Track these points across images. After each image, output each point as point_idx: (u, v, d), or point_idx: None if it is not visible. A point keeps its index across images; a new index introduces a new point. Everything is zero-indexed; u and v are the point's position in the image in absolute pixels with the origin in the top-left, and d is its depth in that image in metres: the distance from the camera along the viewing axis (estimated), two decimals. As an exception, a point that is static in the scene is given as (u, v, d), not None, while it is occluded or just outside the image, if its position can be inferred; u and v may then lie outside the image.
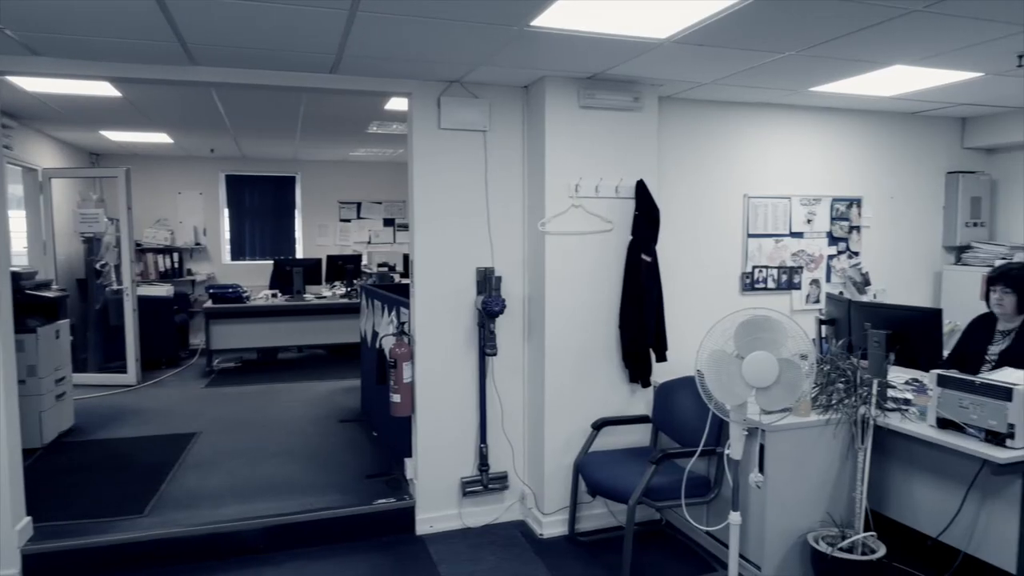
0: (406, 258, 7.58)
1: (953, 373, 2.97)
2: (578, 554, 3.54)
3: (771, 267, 4.48)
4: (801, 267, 4.57)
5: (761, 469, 3.06)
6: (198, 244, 8.96)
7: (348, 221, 9.63)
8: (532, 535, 3.75)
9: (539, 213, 3.67)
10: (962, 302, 4.56)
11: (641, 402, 3.85)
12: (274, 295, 7.63)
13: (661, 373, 3.78)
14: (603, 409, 3.76)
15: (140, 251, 8.31)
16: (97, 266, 6.88)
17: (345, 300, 7.57)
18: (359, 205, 9.65)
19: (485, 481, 3.84)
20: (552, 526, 3.74)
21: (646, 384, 3.82)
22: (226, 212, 9.21)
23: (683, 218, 4.19)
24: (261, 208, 9.38)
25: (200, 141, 7.49)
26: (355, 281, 7.94)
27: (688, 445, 3.19)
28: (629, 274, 3.72)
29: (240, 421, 5.54)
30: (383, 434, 4.94)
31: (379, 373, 4.17)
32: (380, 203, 9.70)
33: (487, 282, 3.74)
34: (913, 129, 4.84)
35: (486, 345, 3.72)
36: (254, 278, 8.58)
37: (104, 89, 4.50)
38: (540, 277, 3.69)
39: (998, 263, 4.03)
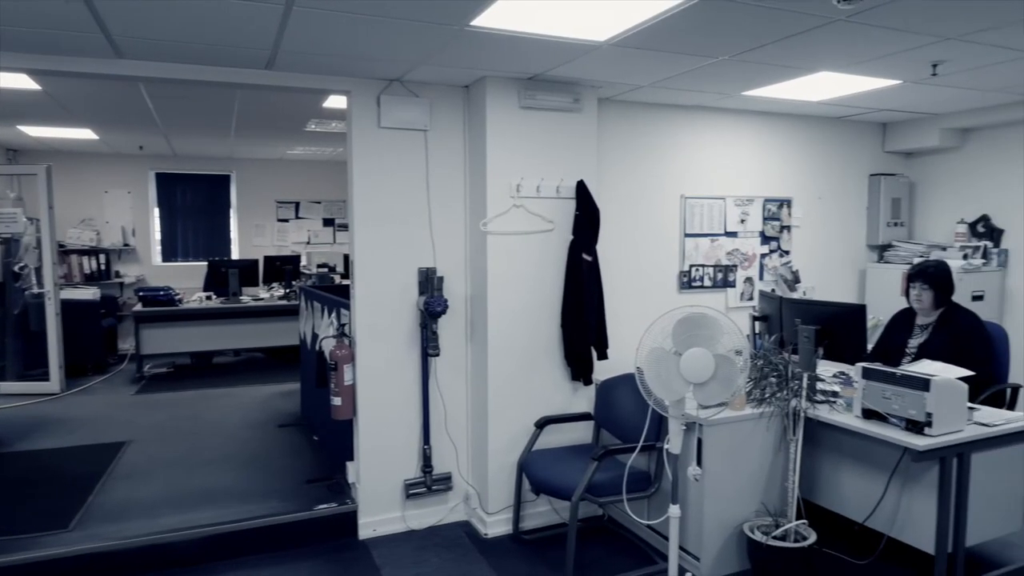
0: (346, 258, 7.48)
1: (876, 366, 3.11)
2: (522, 552, 3.56)
3: (707, 266, 4.61)
4: (736, 266, 4.72)
5: (699, 462, 3.14)
6: (127, 245, 8.59)
7: (286, 221, 9.41)
8: (477, 535, 3.75)
9: (481, 213, 3.67)
10: (884, 298, 4.80)
11: (583, 400, 3.90)
12: (208, 297, 7.38)
13: (602, 371, 3.84)
14: (546, 407, 3.79)
15: (63, 252, 7.90)
16: (16, 268, 6.51)
17: (284, 302, 7.40)
18: (297, 205, 9.44)
19: (429, 482, 3.81)
20: (496, 525, 3.75)
21: (588, 382, 3.87)
22: (156, 212, 8.86)
23: (623, 218, 4.27)
24: (194, 208, 9.06)
25: (128, 138, 7.18)
26: (294, 282, 7.77)
27: (629, 441, 3.25)
28: (570, 274, 3.76)
29: (173, 428, 5.34)
30: (324, 438, 4.85)
31: (319, 376, 4.09)
32: (319, 203, 9.52)
33: (429, 282, 3.72)
34: (838, 133, 5.06)
35: (428, 346, 3.70)
36: (187, 280, 8.29)
37: (21, 81, 4.26)
38: (482, 277, 3.70)
39: (916, 261, 4.25)
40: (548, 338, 3.80)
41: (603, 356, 3.84)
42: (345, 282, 6.86)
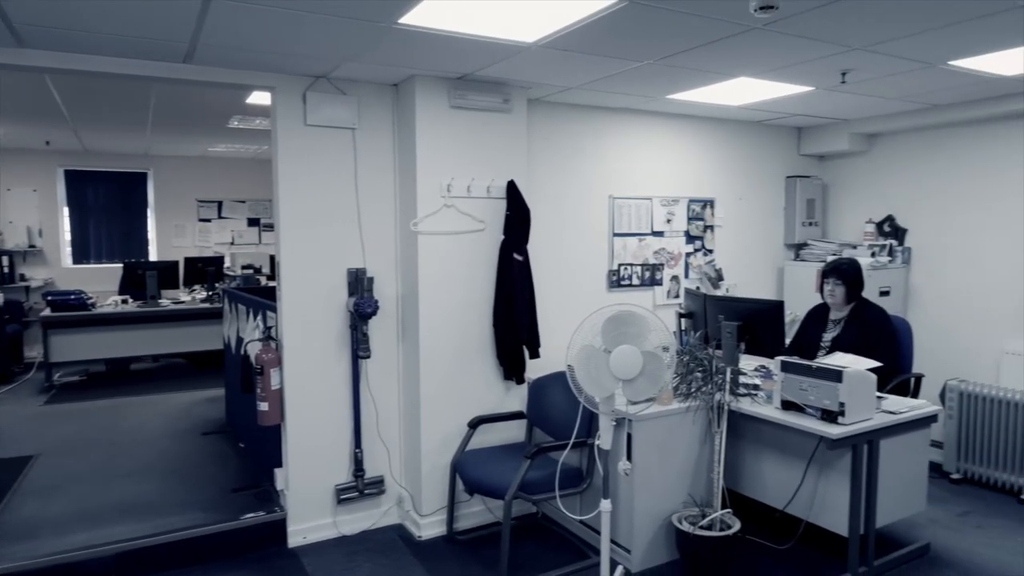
0: (272, 259, 7.26)
1: (794, 359, 3.26)
2: (457, 553, 3.55)
3: (635, 265, 4.71)
4: (662, 264, 4.84)
5: (629, 457, 3.21)
6: (33, 246, 8.08)
7: (208, 221, 9.07)
8: (410, 538, 3.72)
9: (411, 213, 3.64)
10: (801, 294, 5.02)
11: (516, 399, 3.92)
12: (124, 301, 7.03)
13: (534, 369, 3.87)
14: (479, 407, 3.79)
15: (-40, 255, 7.38)
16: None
17: (206, 305, 7.12)
18: (220, 204, 9.12)
19: (361, 487, 3.75)
20: (430, 527, 3.72)
21: (520, 381, 3.89)
22: (66, 211, 8.38)
23: (553, 218, 4.32)
24: (108, 207, 8.61)
25: (32, 132, 6.76)
26: (217, 284, 7.49)
27: (561, 438, 3.28)
28: (502, 273, 3.78)
29: (87, 440, 5.06)
30: (251, 445, 4.70)
31: (244, 381, 3.97)
32: (243, 202, 9.22)
33: (359, 283, 3.66)
34: (757, 137, 5.27)
35: (359, 347, 3.64)
36: (101, 283, 7.87)
37: (-90, 71, 3.95)
38: (413, 277, 3.66)
39: (830, 259, 4.47)
40: (480, 338, 3.81)
41: (535, 355, 3.87)
42: (271, 284, 6.67)
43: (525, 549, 3.57)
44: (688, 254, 4.97)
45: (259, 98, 4.63)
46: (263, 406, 3.54)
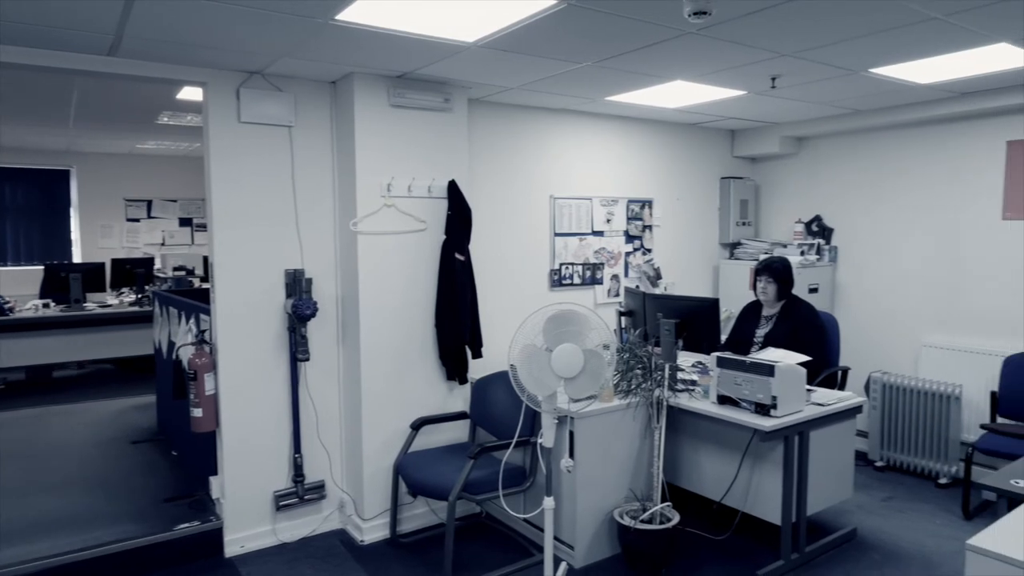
0: (206, 261, 7.03)
1: (729, 355, 3.36)
2: (400, 556, 3.52)
3: (576, 264, 4.77)
4: (603, 264, 4.91)
5: (571, 454, 3.25)
6: (-58, 248, 7.59)
7: (137, 221, 8.70)
8: (353, 543, 3.66)
9: (351, 212, 3.58)
10: (735, 292, 5.19)
11: (459, 399, 3.91)
12: (46, 305, 6.67)
13: (477, 369, 3.87)
14: (422, 408, 3.77)
15: None
16: None
17: (135, 308, 6.83)
18: (150, 203, 8.76)
19: (301, 492, 3.67)
20: (373, 531, 3.68)
21: (463, 381, 3.89)
22: (-20, 211, 7.91)
23: (495, 218, 4.33)
24: (27, 206, 8.15)
25: (-59, 127, 6.35)
26: (147, 287, 7.20)
27: (504, 438, 3.29)
28: (444, 273, 3.76)
29: (4, 452, 4.79)
30: (184, 452, 4.54)
31: (177, 386, 3.83)
32: (175, 201, 8.88)
33: (297, 284, 3.58)
34: (693, 138, 5.41)
35: (297, 350, 3.56)
36: (20, 286, 7.45)
37: None
38: (353, 278, 3.61)
39: (762, 257, 4.62)
40: (422, 338, 3.78)
41: (478, 355, 3.87)
42: (205, 286, 6.46)
43: (469, 549, 3.57)
44: (627, 253, 5.05)
45: (190, 93, 4.47)
46: (197, 412, 3.42)
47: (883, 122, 4.70)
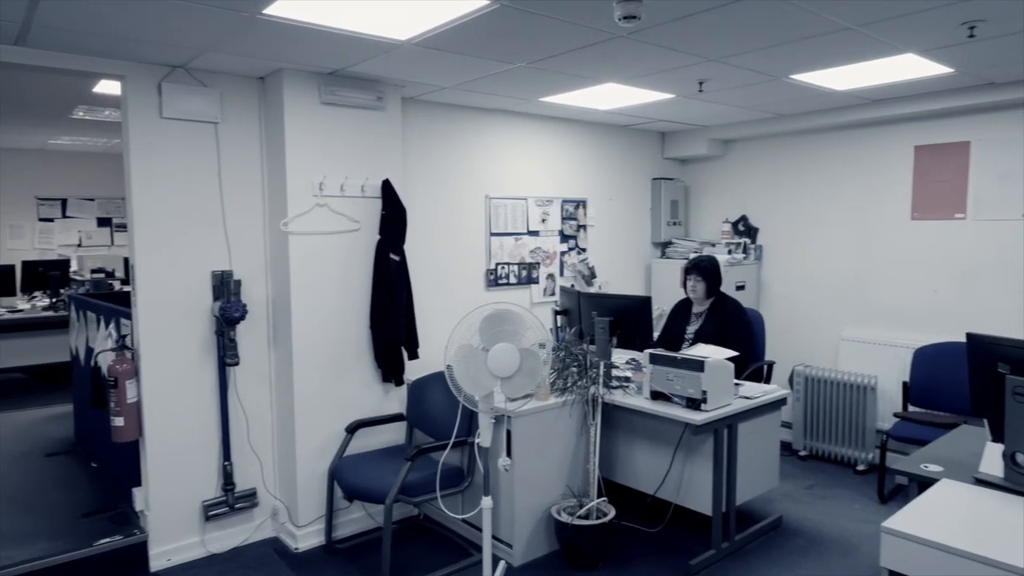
0: (127, 262, 6.72)
1: (660, 352, 3.44)
2: (336, 562, 3.45)
3: (512, 264, 4.79)
4: (538, 263, 4.96)
5: (509, 453, 3.26)
6: None
7: (50, 221, 8.23)
8: (287, 551, 3.57)
9: (281, 212, 3.49)
10: (667, 290, 5.32)
11: (395, 401, 3.87)
12: (-52, 311, 6.25)
13: (414, 371, 3.84)
14: (357, 411, 3.71)
15: None
16: None
17: (49, 313, 6.47)
18: (64, 202, 8.30)
19: (231, 501, 3.56)
20: (308, 538, 3.59)
21: (399, 382, 3.85)
22: None
23: (430, 218, 4.30)
24: (-76, 205, 7.61)
25: None
26: (62, 290, 6.83)
27: (441, 438, 3.28)
28: (378, 274, 3.71)
29: (-99, 469, 4.46)
30: (105, 464, 4.33)
31: (96, 395, 3.64)
32: (92, 200, 8.45)
33: (224, 286, 3.47)
34: (625, 140, 5.52)
35: (226, 354, 3.45)
36: (-83, 291, 6.94)
37: None
38: (285, 279, 3.52)
39: (692, 256, 4.76)
40: (357, 340, 3.72)
41: (414, 356, 3.84)
42: (126, 289, 6.18)
43: (407, 552, 3.53)
44: (563, 253, 5.11)
45: (108, 87, 4.26)
46: (118, 421, 3.27)
47: (804, 126, 4.92)
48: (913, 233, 4.62)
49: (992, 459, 2.25)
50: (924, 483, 2.26)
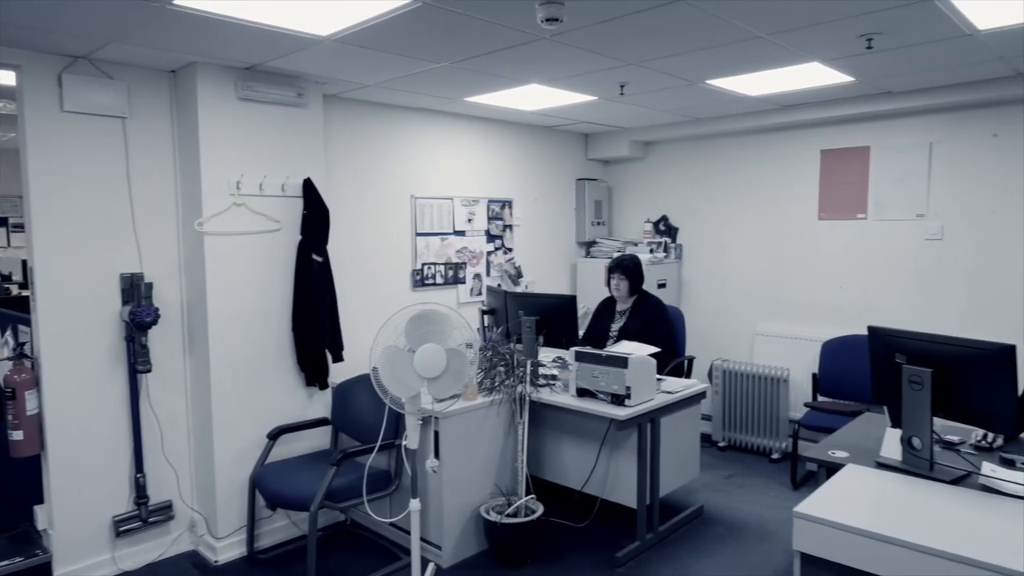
0: (26, 265, 6.30)
1: (586, 349, 3.50)
2: (258, 573, 3.34)
3: (439, 264, 4.76)
4: (465, 263, 4.95)
5: (437, 454, 3.24)
6: None
7: (-64, 221, 7.62)
8: (206, 564, 3.43)
9: (196, 212, 3.35)
10: (592, 289, 5.41)
11: (320, 405, 3.78)
12: None
13: (338, 373, 3.76)
14: (280, 417, 3.60)
15: None
16: None
17: (-64, 321, 5.98)
18: (-48, 201, 7.70)
19: (144, 515, 3.39)
20: (228, 550, 3.47)
21: (324, 386, 3.76)
22: None
23: (354, 217, 4.22)
24: None
25: None
26: (-50, 296, 6.32)
27: (368, 442, 3.23)
28: (300, 275, 3.62)
29: None
30: (2, 481, 4.03)
31: (-9, 407, 3.39)
32: (-16, 199, 7.86)
33: (135, 289, 3.30)
34: (550, 140, 5.58)
35: (137, 361, 3.28)
36: None
37: None
38: (200, 281, 3.38)
39: (615, 255, 4.87)
40: (279, 343, 3.62)
41: (338, 358, 3.76)
42: (25, 293, 5.78)
43: (334, 559, 3.46)
44: (489, 252, 5.12)
45: (1, 77, 3.97)
46: (16, 435, 3.06)
47: (719, 130, 5.11)
48: (820, 232, 4.88)
49: (891, 444, 2.40)
50: (832, 469, 2.39)
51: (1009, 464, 2.34)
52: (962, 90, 3.99)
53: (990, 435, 2.54)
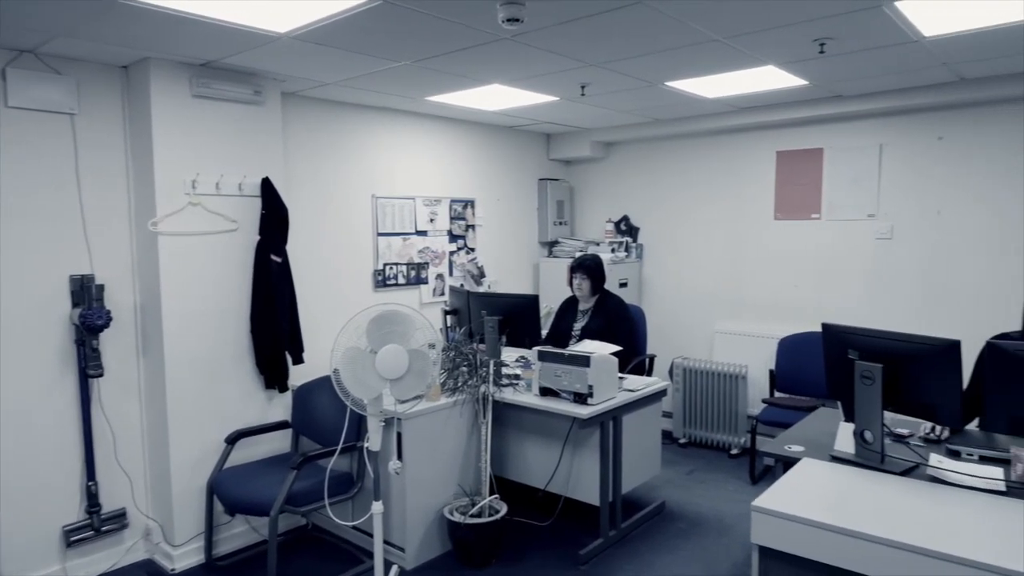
0: (-32, 267, 6.05)
1: (549, 348, 3.52)
2: (217, 580, 3.28)
3: (401, 264, 4.73)
4: (427, 263, 4.92)
5: (400, 456, 3.22)
6: None
7: None
8: (162, 573, 3.35)
9: (150, 211, 3.27)
10: (554, 288, 5.44)
11: (280, 408, 3.72)
12: None
13: (299, 376, 3.71)
14: (238, 420, 3.54)
15: None
16: None
17: None
18: None
19: (96, 524, 3.29)
20: (185, 557, 3.39)
21: (283, 389, 3.70)
22: None
23: (314, 217, 4.17)
24: None
25: None
26: None
27: (329, 444, 3.19)
28: (259, 276, 3.56)
29: None
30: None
31: (-69, 415, 3.25)
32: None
33: (85, 292, 3.20)
34: (512, 141, 5.59)
35: (88, 365, 3.18)
36: None
37: None
38: (154, 283, 3.30)
39: (577, 255, 4.90)
40: (237, 346, 3.55)
41: (299, 360, 3.70)
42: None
43: (295, 564, 3.41)
44: (452, 252, 5.11)
45: (-60, 72, 3.82)
46: (-42, 444, 2.94)
47: (679, 131, 5.18)
48: (776, 232, 4.99)
49: (845, 437, 2.47)
50: (788, 463, 2.44)
51: (955, 455, 2.43)
52: (909, 94, 4.13)
53: (938, 428, 2.64)
